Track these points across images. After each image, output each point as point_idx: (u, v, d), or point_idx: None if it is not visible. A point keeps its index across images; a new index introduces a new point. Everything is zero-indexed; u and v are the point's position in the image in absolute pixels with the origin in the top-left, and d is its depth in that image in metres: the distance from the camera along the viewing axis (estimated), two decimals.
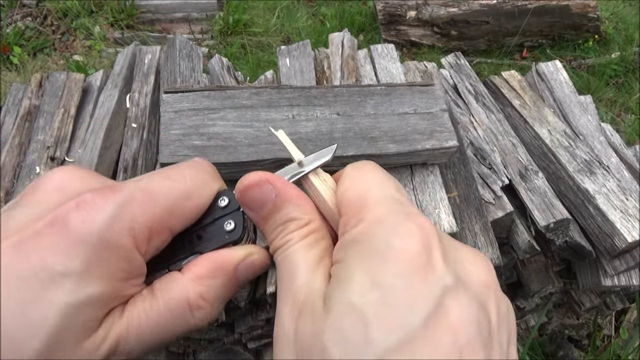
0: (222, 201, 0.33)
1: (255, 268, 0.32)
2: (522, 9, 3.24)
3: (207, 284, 0.30)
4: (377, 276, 0.25)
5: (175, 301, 0.29)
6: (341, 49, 1.25)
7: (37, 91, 1.18)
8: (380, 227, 0.27)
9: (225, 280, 0.31)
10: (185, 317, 0.29)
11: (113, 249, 0.27)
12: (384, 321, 0.23)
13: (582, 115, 1.24)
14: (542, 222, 1.04)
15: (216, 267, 0.31)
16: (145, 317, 0.28)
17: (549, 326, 1.50)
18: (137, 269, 0.29)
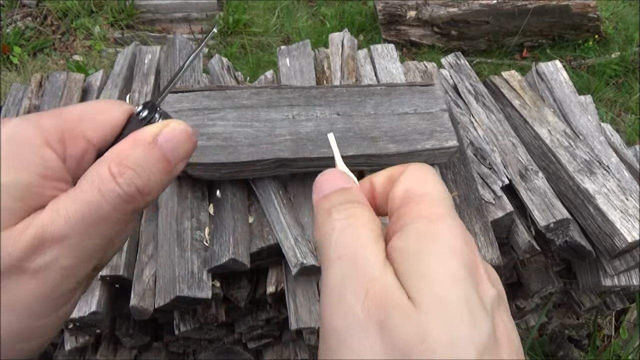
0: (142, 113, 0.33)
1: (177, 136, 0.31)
2: (522, 9, 3.24)
3: (126, 154, 0.29)
4: (456, 272, 0.26)
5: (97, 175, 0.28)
6: (341, 49, 1.25)
7: (37, 91, 1.18)
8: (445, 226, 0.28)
9: (144, 149, 0.30)
10: (110, 186, 0.28)
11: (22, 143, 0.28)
12: (474, 319, 0.24)
13: (582, 115, 1.24)
14: (542, 222, 1.04)
15: (134, 139, 0.30)
16: (70, 202, 0.27)
17: (549, 326, 1.50)
18: (56, 169, 0.28)
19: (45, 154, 0.28)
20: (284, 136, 0.92)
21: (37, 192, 0.27)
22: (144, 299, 0.90)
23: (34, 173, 0.27)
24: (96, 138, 0.31)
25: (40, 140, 0.28)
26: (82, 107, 0.32)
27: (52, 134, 0.29)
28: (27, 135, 0.28)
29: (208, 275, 0.90)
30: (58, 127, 0.29)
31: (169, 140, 0.31)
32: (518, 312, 1.35)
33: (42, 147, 0.28)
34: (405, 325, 0.24)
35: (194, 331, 1.01)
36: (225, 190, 0.98)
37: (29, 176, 0.27)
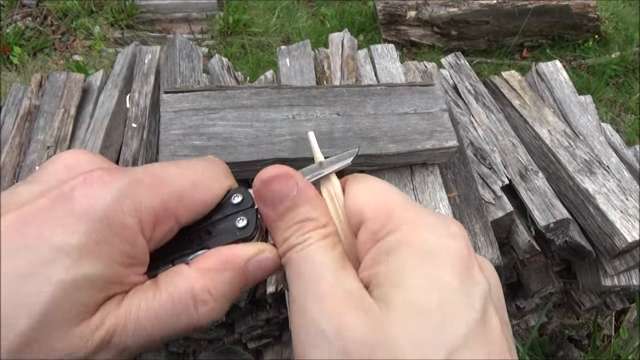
0: (236, 198, 0.32)
1: (266, 267, 0.30)
2: (522, 9, 3.24)
3: (214, 278, 0.28)
4: (436, 277, 0.25)
5: (180, 292, 0.27)
6: (341, 49, 1.25)
7: (37, 91, 1.18)
8: (428, 229, 0.27)
9: (233, 276, 0.29)
10: (189, 312, 0.27)
11: (117, 228, 0.25)
12: (450, 321, 0.24)
13: (582, 115, 1.24)
14: (542, 222, 1.04)
15: (225, 261, 0.29)
16: (145, 308, 0.26)
17: (549, 326, 1.50)
18: (140, 256, 0.27)
19: (137, 242, 0.27)
20: (284, 136, 0.92)
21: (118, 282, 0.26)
22: None
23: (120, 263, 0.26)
24: (186, 219, 0.29)
25: (135, 226, 0.26)
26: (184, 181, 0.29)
27: (149, 216, 0.27)
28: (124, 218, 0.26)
29: None
30: (155, 209, 0.27)
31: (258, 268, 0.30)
32: (518, 312, 1.35)
33: (136, 235, 0.26)
34: (365, 326, 0.24)
35: None
36: None
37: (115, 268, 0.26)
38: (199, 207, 0.30)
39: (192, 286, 0.28)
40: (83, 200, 0.25)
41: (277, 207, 0.30)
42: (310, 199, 0.30)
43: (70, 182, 0.26)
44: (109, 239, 0.25)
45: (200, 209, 0.30)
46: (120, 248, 0.26)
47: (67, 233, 0.24)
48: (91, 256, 0.25)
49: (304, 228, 0.29)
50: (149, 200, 0.27)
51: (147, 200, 0.27)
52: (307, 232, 0.29)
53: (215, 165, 0.33)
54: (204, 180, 0.30)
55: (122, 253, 0.26)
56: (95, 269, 0.25)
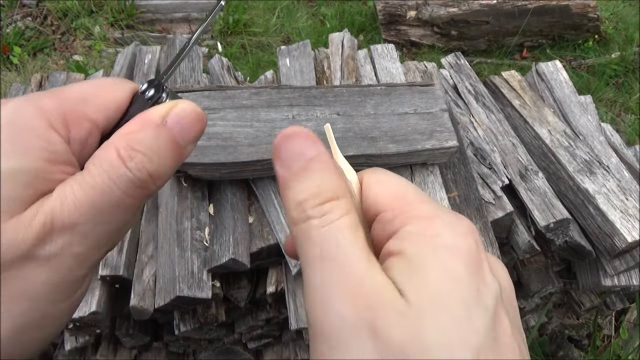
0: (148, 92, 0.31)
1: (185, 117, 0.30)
2: (522, 9, 3.24)
3: (135, 137, 0.28)
4: (453, 272, 0.25)
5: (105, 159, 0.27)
6: (341, 49, 1.25)
7: (37, 91, 1.18)
8: (441, 223, 0.27)
9: (153, 132, 0.28)
10: (120, 171, 0.27)
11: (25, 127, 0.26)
12: (470, 319, 0.24)
13: (582, 115, 1.24)
14: (542, 222, 1.04)
15: (141, 121, 0.29)
16: (78, 187, 0.26)
17: (549, 326, 1.50)
18: (62, 152, 0.27)
19: (50, 137, 0.27)
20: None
21: (44, 177, 0.26)
22: (144, 299, 0.90)
23: (39, 158, 0.26)
24: (100, 119, 0.30)
25: (43, 123, 0.27)
26: (83, 87, 0.30)
27: (55, 115, 0.28)
28: (29, 118, 0.27)
29: (208, 275, 0.90)
30: (60, 108, 0.28)
31: (178, 121, 0.30)
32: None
33: (46, 130, 0.27)
34: (398, 325, 0.23)
35: (194, 331, 1.01)
36: (225, 190, 0.98)
37: (35, 161, 0.26)
38: (109, 106, 0.30)
39: (115, 149, 0.28)
40: None
41: (295, 163, 0.28)
42: (329, 165, 0.29)
43: None
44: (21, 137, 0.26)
45: (111, 107, 0.30)
46: (34, 144, 0.26)
47: None
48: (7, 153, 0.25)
49: (322, 196, 0.27)
50: (51, 103, 0.28)
51: (49, 103, 0.28)
52: (327, 202, 0.27)
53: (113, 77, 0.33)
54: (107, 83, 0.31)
55: (38, 148, 0.26)
56: (16, 163, 0.25)
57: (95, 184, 0.27)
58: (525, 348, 0.27)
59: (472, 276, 0.25)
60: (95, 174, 0.27)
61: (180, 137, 0.30)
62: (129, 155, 0.27)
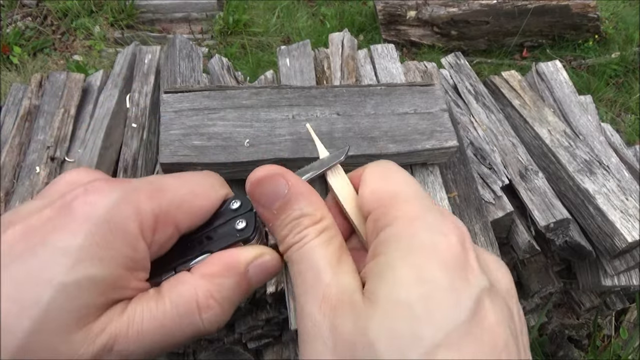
0: (234, 204, 0.33)
1: (267, 269, 0.31)
2: (522, 9, 3.24)
3: (217, 284, 0.29)
4: (422, 272, 0.25)
5: (183, 300, 0.27)
6: (341, 49, 1.25)
7: (37, 91, 1.18)
8: (421, 224, 0.27)
9: (235, 280, 0.29)
10: (193, 319, 0.27)
11: (117, 231, 0.26)
12: (432, 317, 0.24)
13: (582, 115, 1.24)
14: (542, 222, 1.04)
15: (227, 266, 0.29)
16: (149, 317, 0.27)
17: (549, 326, 1.50)
18: (142, 260, 0.28)
19: (138, 245, 0.27)
20: (283, 136, 0.92)
21: (120, 285, 0.27)
22: None
23: (122, 266, 0.26)
24: (185, 225, 0.30)
25: (136, 229, 0.27)
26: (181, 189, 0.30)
27: (149, 221, 0.28)
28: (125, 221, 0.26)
29: None
30: (155, 214, 0.28)
31: (259, 271, 0.31)
32: None
33: (136, 238, 0.27)
34: (350, 322, 0.24)
35: None
36: None
37: (117, 271, 0.26)
38: (198, 214, 0.31)
39: (195, 293, 0.28)
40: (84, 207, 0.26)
41: (272, 206, 0.31)
42: (302, 194, 0.31)
43: (72, 193, 0.27)
44: (110, 242, 0.26)
45: (199, 215, 0.31)
46: (121, 251, 0.26)
47: (69, 236, 0.25)
48: (92, 258, 0.25)
49: (300, 225, 0.29)
50: (148, 205, 0.28)
51: (146, 206, 0.28)
52: (304, 229, 0.29)
53: (210, 176, 0.34)
54: (200, 188, 0.31)
55: (123, 256, 0.26)
56: (96, 271, 0.25)
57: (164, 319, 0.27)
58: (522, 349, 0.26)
59: (446, 273, 0.25)
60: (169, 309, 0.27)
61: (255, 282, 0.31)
62: (207, 305, 0.28)
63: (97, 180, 0.28)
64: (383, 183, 0.30)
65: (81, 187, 0.27)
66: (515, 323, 0.27)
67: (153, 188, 0.29)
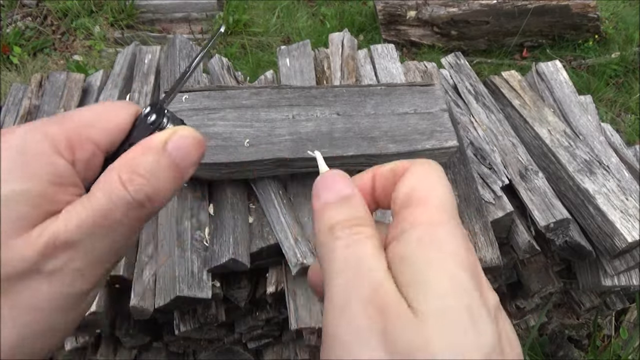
0: (150, 117, 0.33)
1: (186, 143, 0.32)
2: (522, 9, 3.24)
3: (136, 161, 0.30)
4: (457, 281, 0.26)
5: (109, 185, 0.29)
6: (341, 49, 1.25)
7: (37, 91, 1.18)
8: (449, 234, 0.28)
9: (154, 156, 0.30)
10: (120, 193, 0.29)
11: (32, 152, 0.28)
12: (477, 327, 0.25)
13: (582, 115, 1.24)
14: (542, 222, 1.04)
15: (142, 147, 0.31)
16: (82, 209, 0.29)
17: (549, 326, 1.50)
18: (66, 175, 0.29)
19: (56, 161, 0.29)
20: (283, 136, 0.92)
21: (50, 199, 0.29)
22: (144, 299, 0.90)
23: (46, 181, 0.28)
24: (103, 142, 0.32)
25: (49, 148, 0.29)
26: (87, 112, 0.32)
27: (60, 140, 0.30)
28: (36, 144, 0.29)
29: (208, 275, 0.90)
30: (65, 133, 0.30)
31: (179, 147, 0.31)
32: (518, 312, 1.35)
33: (52, 154, 0.29)
34: (406, 333, 0.25)
35: (194, 331, 1.01)
36: (225, 190, 0.98)
37: (42, 184, 0.28)
38: (112, 130, 0.32)
39: (118, 173, 0.30)
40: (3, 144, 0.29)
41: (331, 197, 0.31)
42: (362, 203, 0.31)
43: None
44: (28, 162, 0.28)
45: (114, 132, 0.32)
46: (40, 168, 0.28)
47: None
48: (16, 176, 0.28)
49: (351, 222, 0.30)
50: (56, 128, 0.30)
51: (54, 128, 0.30)
52: (358, 226, 0.29)
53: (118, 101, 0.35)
54: (108, 107, 0.33)
55: (44, 172, 0.29)
56: (23, 185, 0.28)
57: (97, 206, 0.29)
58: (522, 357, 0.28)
59: (476, 286, 0.27)
60: (98, 197, 0.29)
61: (181, 162, 0.32)
62: (130, 178, 0.29)
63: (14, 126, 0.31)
64: (421, 184, 0.31)
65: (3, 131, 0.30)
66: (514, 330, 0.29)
67: (59, 117, 0.31)
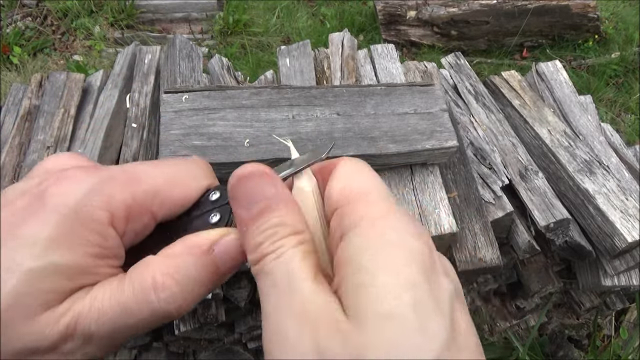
0: (214, 195, 0.31)
1: (233, 248, 0.29)
2: (522, 9, 3.24)
3: (177, 263, 0.28)
4: (402, 276, 0.24)
5: (140, 278, 0.27)
6: (341, 49, 1.25)
7: (37, 91, 1.18)
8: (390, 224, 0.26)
9: (198, 260, 0.28)
10: (149, 297, 0.27)
11: (86, 220, 0.26)
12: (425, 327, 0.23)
13: (582, 115, 1.24)
14: (542, 222, 1.04)
15: (188, 246, 0.29)
16: (109, 297, 0.27)
17: (549, 326, 1.50)
18: (112, 248, 0.28)
19: (107, 233, 0.27)
20: (283, 136, 0.92)
21: (89, 272, 0.27)
22: None
23: (90, 254, 0.27)
24: (162, 215, 0.30)
25: (106, 218, 0.27)
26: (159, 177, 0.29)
27: (120, 211, 0.27)
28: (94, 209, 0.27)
29: None
30: (127, 204, 0.28)
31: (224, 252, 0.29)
32: (518, 312, 1.35)
33: (106, 226, 0.27)
34: (339, 345, 0.23)
35: (194, 331, 1.01)
36: None
37: (84, 258, 0.26)
38: (175, 205, 0.30)
39: (153, 272, 0.28)
40: (55, 197, 0.26)
41: (252, 208, 0.28)
42: (286, 202, 0.29)
43: (45, 181, 0.27)
44: (78, 231, 0.26)
45: (176, 206, 0.30)
46: (89, 239, 0.27)
47: (38, 225, 0.26)
48: (60, 246, 0.26)
49: (278, 234, 0.27)
50: (120, 195, 0.28)
51: (118, 195, 0.28)
52: (282, 239, 0.27)
53: (195, 164, 0.32)
54: (180, 178, 0.30)
55: (91, 244, 0.27)
56: (63, 258, 0.26)
57: (123, 301, 0.27)
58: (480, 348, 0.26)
59: (426, 279, 0.24)
60: (126, 292, 0.27)
61: (223, 265, 0.29)
62: (163, 284, 0.27)
63: (72, 169, 0.28)
64: (354, 179, 0.29)
65: (54, 176, 0.27)
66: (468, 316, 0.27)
67: (128, 177, 0.29)
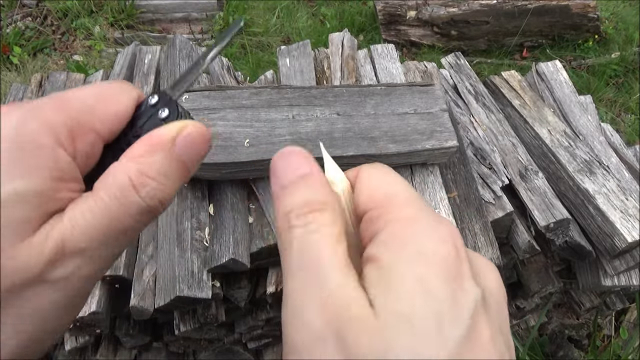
0: (152, 99, 0.31)
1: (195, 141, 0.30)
2: (522, 9, 3.24)
3: (145, 162, 0.28)
4: (424, 282, 0.24)
5: (117, 185, 0.27)
6: (341, 49, 1.25)
7: (37, 91, 1.18)
8: (420, 227, 0.26)
9: (164, 155, 0.29)
10: (133, 198, 0.27)
11: (32, 146, 0.26)
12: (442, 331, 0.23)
13: (582, 115, 1.24)
14: (542, 222, 1.04)
15: (151, 144, 0.29)
16: (89, 210, 0.27)
17: (549, 326, 1.50)
18: (68, 170, 0.27)
19: (57, 154, 0.27)
20: (283, 136, 0.92)
21: (52, 197, 0.26)
22: (144, 299, 0.90)
23: (47, 178, 0.26)
24: (105, 130, 0.30)
25: (50, 140, 0.27)
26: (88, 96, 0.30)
27: (61, 131, 0.27)
28: (34, 134, 0.27)
29: (208, 275, 0.90)
30: (66, 121, 0.28)
31: (187, 144, 0.30)
32: (518, 312, 1.35)
33: (53, 148, 0.27)
34: (364, 337, 0.23)
35: (194, 331, 1.01)
36: (225, 190, 0.98)
37: (43, 182, 0.26)
38: (115, 118, 0.30)
39: (127, 174, 0.28)
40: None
41: (288, 177, 0.29)
42: (322, 182, 0.29)
43: None
44: (28, 157, 0.26)
45: (117, 119, 0.30)
46: (41, 163, 0.26)
47: None
48: (16, 175, 0.25)
49: (308, 207, 0.27)
50: (57, 117, 0.28)
51: (55, 118, 0.27)
52: (314, 213, 0.27)
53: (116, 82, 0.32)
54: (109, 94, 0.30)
55: (45, 168, 0.26)
56: (24, 185, 0.25)
57: (107, 210, 0.27)
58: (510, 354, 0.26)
59: (447, 285, 0.24)
60: (107, 200, 0.27)
61: (189, 160, 0.30)
62: (141, 182, 0.28)
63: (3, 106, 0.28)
64: (380, 183, 0.29)
65: None
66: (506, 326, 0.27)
67: (56, 101, 0.29)
